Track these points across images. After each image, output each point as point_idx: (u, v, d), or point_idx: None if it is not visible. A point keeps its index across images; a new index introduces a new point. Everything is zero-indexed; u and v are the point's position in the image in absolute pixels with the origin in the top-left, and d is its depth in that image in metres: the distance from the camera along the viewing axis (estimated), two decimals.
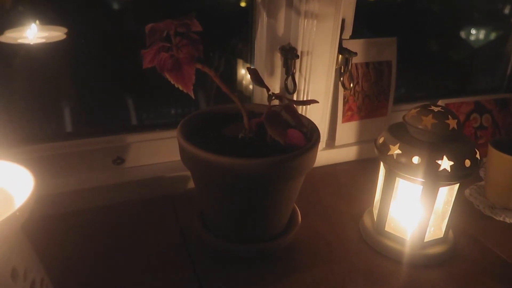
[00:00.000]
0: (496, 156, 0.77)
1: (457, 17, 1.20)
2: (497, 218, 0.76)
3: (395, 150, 0.60)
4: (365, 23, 1.03)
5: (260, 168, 0.52)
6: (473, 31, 1.24)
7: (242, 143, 0.59)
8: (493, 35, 1.24)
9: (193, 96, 0.51)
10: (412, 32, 1.12)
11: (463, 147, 0.59)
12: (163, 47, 0.53)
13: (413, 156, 0.58)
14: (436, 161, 0.57)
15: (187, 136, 0.58)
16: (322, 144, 0.92)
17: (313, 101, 0.57)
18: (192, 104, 0.96)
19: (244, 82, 0.95)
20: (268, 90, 0.58)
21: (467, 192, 0.84)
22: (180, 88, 0.52)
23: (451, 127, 0.58)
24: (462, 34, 1.23)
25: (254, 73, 0.57)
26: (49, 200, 0.71)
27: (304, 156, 0.55)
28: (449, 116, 0.59)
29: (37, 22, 0.73)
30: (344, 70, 0.86)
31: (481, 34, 1.25)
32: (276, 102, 0.61)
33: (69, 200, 0.72)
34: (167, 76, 0.52)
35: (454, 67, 1.22)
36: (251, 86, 0.92)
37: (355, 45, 0.87)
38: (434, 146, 0.58)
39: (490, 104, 0.99)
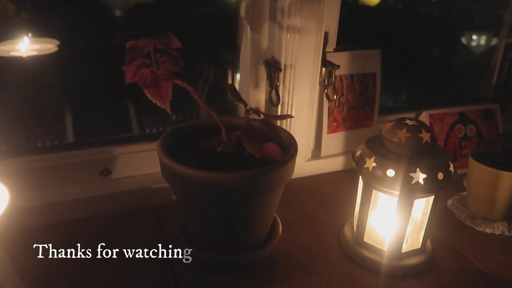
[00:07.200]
0: (476, 168, 0.78)
1: (444, 28, 1.21)
2: (477, 229, 0.77)
3: (371, 163, 0.61)
4: (358, 35, 1.05)
5: (235, 182, 0.54)
6: (460, 42, 1.26)
7: (221, 157, 0.61)
8: (480, 46, 1.26)
9: (169, 112, 0.53)
10: (400, 43, 1.14)
11: (436, 160, 0.60)
12: (144, 63, 0.55)
13: (387, 169, 0.60)
14: (410, 174, 0.59)
15: (167, 150, 0.60)
16: (308, 154, 0.93)
17: (288, 116, 0.58)
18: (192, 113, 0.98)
19: None
20: (245, 105, 0.59)
21: (449, 202, 0.85)
22: (158, 104, 0.53)
23: (424, 140, 0.59)
24: (449, 45, 1.24)
25: (231, 89, 0.59)
26: (36, 212, 0.72)
27: (279, 169, 0.57)
28: (423, 129, 0.60)
29: (30, 34, 0.75)
30: (328, 82, 0.87)
31: (468, 45, 1.27)
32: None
33: (55, 211, 0.73)
34: (145, 92, 0.54)
35: (441, 78, 1.24)
36: None
37: (339, 57, 0.89)
38: (408, 159, 0.59)
39: (475, 114, 1.01)
